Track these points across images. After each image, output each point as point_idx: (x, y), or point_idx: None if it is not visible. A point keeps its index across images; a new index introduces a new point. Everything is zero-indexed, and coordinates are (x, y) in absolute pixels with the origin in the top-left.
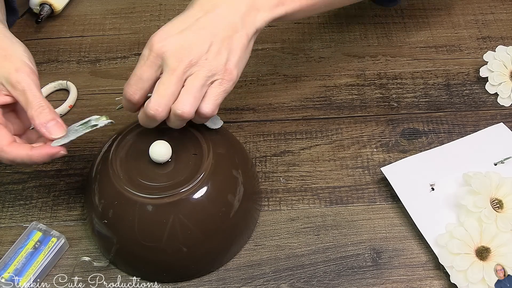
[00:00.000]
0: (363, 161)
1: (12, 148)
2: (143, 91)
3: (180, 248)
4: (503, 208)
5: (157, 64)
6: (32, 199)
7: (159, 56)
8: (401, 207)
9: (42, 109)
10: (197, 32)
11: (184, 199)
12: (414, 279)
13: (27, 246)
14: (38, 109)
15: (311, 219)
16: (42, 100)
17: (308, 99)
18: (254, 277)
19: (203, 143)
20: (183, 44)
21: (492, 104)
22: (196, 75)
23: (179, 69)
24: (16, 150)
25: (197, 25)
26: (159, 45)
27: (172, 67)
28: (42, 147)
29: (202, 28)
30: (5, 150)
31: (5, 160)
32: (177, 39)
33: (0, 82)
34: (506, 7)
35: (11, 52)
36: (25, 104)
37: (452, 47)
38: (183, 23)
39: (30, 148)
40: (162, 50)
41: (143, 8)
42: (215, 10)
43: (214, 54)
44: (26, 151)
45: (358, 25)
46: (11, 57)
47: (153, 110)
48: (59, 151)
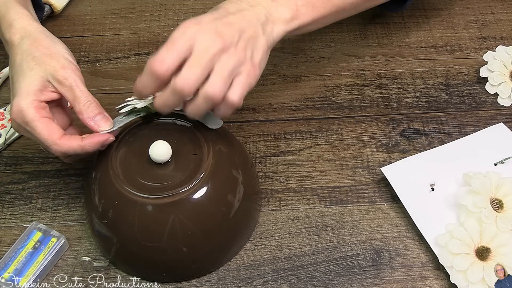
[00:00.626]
0: (363, 161)
1: (64, 141)
2: (171, 65)
3: (180, 248)
4: (503, 208)
5: (187, 44)
6: (32, 199)
7: (191, 37)
8: (401, 207)
9: (90, 104)
10: (227, 25)
11: (184, 199)
12: (414, 279)
13: (27, 246)
14: (86, 104)
15: (311, 219)
16: (89, 95)
17: (308, 99)
18: (254, 277)
19: (203, 143)
20: (216, 30)
21: (492, 104)
22: (226, 62)
23: (210, 52)
24: (68, 142)
25: (226, 20)
26: (193, 27)
27: (204, 48)
28: (93, 136)
29: (231, 23)
30: (58, 143)
31: (57, 153)
32: (210, 25)
33: (47, 79)
34: (506, 7)
35: (55, 50)
36: (72, 100)
37: (452, 47)
38: (212, 17)
39: (81, 139)
40: (195, 30)
41: (143, 8)
42: (240, 13)
43: (242, 47)
44: (78, 142)
45: (358, 25)
46: (55, 55)
47: (182, 84)
48: (109, 137)
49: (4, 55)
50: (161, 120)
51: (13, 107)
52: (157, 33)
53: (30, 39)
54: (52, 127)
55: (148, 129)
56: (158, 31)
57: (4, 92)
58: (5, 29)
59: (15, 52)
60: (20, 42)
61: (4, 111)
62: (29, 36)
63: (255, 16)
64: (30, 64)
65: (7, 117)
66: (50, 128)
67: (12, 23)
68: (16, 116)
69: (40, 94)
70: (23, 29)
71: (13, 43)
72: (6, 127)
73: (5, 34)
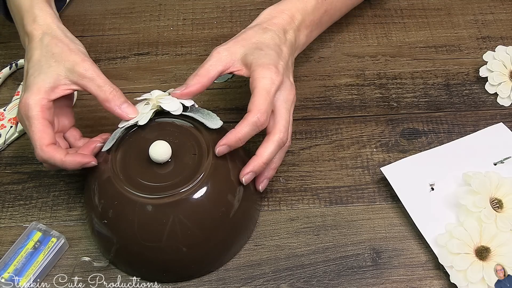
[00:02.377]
0: (363, 161)
1: (49, 149)
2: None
3: (180, 248)
4: (502, 208)
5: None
6: (32, 199)
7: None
8: (401, 207)
9: (116, 92)
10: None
11: (184, 199)
12: (413, 279)
13: (27, 246)
14: (112, 93)
15: (311, 219)
16: (111, 84)
17: (308, 99)
18: (254, 277)
19: (203, 143)
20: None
21: (492, 104)
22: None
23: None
24: (52, 153)
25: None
26: (278, 79)
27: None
28: (76, 155)
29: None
30: (44, 149)
31: (39, 158)
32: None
33: (64, 76)
34: (506, 7)
35: (73, 47)
36: (95, 89)
37: (451, 47)
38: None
39: (65, 154)
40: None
41: (142, 8)
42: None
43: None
44: (61, 157)
45: (358, 25)
46: (74, 51)
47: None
48: (91, 161)
49: (4, 55)
50: (161, 120)
51: (22, 99)
52: (156, 33)
53: (51, 35)
54: (45, 132)
55: (148, 129)
56: (157, 31)
57: (4, 92)
58: (27, 23)
59: (34, 46)
60: (42, 37)
61: (4, 111)
62: (51, 33)
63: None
64: (49, 61)
65: (7, 117)
66: (44, 131)
67: (36, 18)
68: (21, 108)
69: (51, 92)
70: (46, 26)
71: (34, 38)
72: (6, 127)
73: (27, 27)
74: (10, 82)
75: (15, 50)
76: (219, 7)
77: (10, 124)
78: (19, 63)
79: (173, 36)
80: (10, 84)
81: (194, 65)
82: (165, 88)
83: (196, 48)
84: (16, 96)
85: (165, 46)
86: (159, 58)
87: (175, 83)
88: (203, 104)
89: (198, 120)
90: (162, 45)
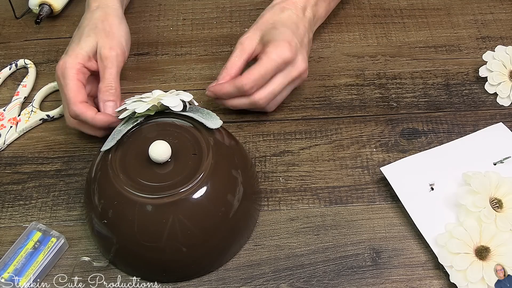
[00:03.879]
0: (363, 161)
1: (82, 106)
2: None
3: (179, 248)
4: (502, 208)
5: None
6: (32, 199)
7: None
8: (401, 207)
9: (110, 89)
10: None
11: (183, 199)
12: (413, 278)
13: (26, 246)
14: (107, 87)
15: (311, 219)
16: (113, 81)
17: (308, 99)
18: (253, 277)
19: (202, 143)
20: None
21: (492, 104)
22: None
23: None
24: (85, 109)
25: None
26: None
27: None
28: (105, 114)
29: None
30: (78, 105)
31: (72, 112)
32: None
33: (98, 52)
34: (505, 7)
35: (115, 31)
36: (101, 77)
37: (451, 47)
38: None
39: (95, 112)
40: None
41: (142, 8)
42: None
43: None
44: (92, 114)
45: (357, 25)
46: (112, 35)
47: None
48: (117, 121)
49: (4, 56)
50: (161, 120)
51: (60, 61)
52: (156, 33)
53: (102, 11)
54: (79, 91)
55: (148, 129)
56: (157, 31)
57: (4, 92)
58: None
59: (86, 16)
60: (95, 10)
61: (4, 111)
62: (103, 8)
63: None
64: (90, 32)
65: (7, 117)
66: (78, 90)
67: None
68: (58, 68)
69: (88, 60)
70: (103, 1)
71: (89, 8)
72: (5, 127)
73: None
74: (10, 82)
75: (15, 50)
76: (218, 7)
77: (10, 124)
78: (19, 63)
79: (173, 36)
80: (10, 84)
81: (194, 65)
82: (164, 88)
83: (196, 48)
84: (16, 96)
85: (165, 46)
86: (159, 58)
87: (175, 83)
88: (203, 104)
89: (198, 120)
90: (162, 45)
